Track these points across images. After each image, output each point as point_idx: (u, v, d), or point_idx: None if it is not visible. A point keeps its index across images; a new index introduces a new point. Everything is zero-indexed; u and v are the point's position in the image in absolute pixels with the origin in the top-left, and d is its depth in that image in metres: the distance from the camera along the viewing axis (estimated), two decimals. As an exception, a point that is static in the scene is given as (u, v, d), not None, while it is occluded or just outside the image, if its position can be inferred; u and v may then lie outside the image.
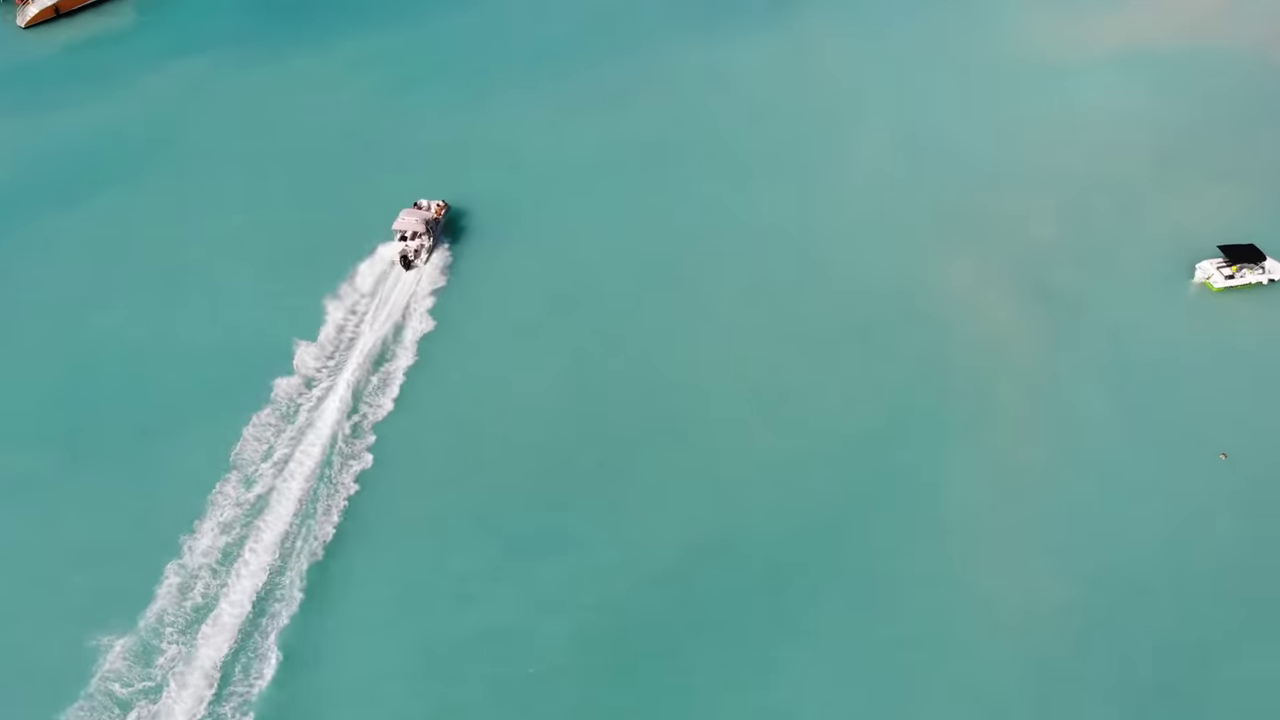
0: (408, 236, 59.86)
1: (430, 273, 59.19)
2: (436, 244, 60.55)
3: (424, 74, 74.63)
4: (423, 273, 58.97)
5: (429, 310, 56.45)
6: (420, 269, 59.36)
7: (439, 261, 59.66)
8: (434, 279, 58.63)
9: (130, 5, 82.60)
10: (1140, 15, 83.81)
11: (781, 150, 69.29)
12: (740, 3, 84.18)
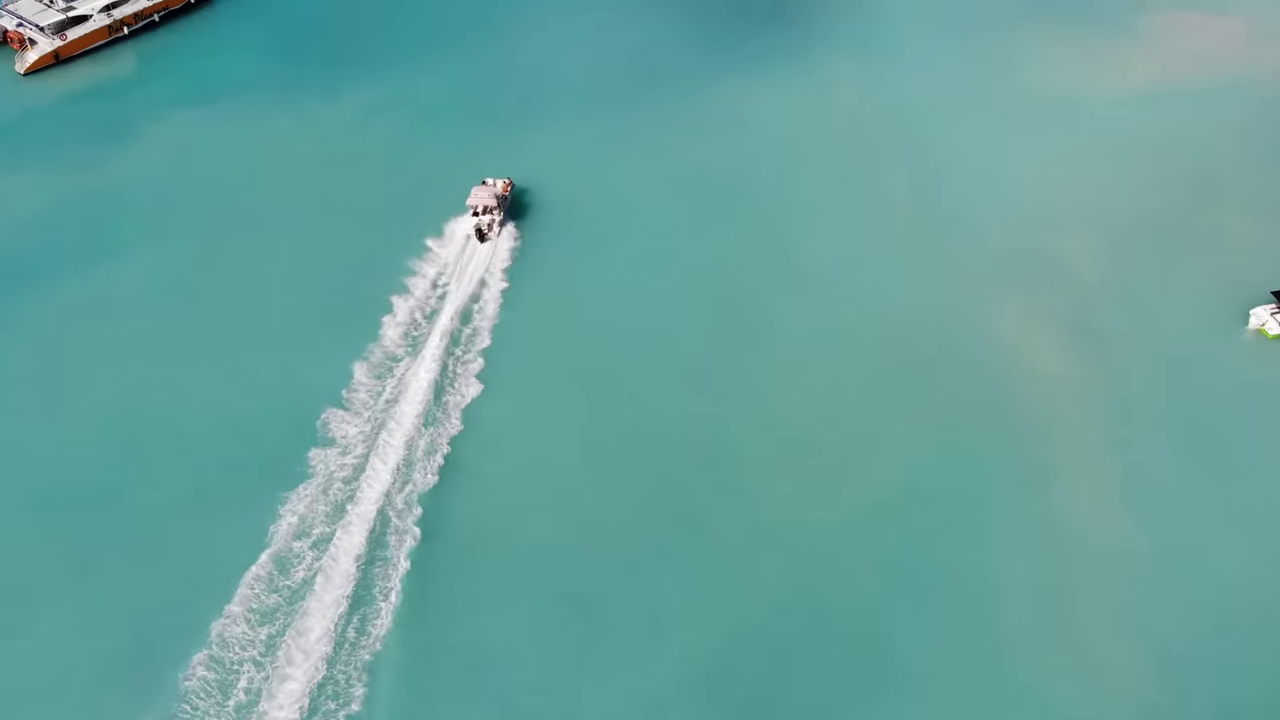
0: (480, 211, 62.01)
1: (485, 324, 57.74)
2: (506, 220, 63.16)
3: (442, 118, 72.27)
4: (495, 253, 61.25)
5: (476, 375, 54.33)
6: (494, 241, 61.91)
7: (487, 321, 57.65)
8: (479, 341, 56.48)
9: (131, 52, 79.64)
10: (1167, 46, 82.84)
11: (814, 190, 67.54)
12: (763, 40, 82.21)
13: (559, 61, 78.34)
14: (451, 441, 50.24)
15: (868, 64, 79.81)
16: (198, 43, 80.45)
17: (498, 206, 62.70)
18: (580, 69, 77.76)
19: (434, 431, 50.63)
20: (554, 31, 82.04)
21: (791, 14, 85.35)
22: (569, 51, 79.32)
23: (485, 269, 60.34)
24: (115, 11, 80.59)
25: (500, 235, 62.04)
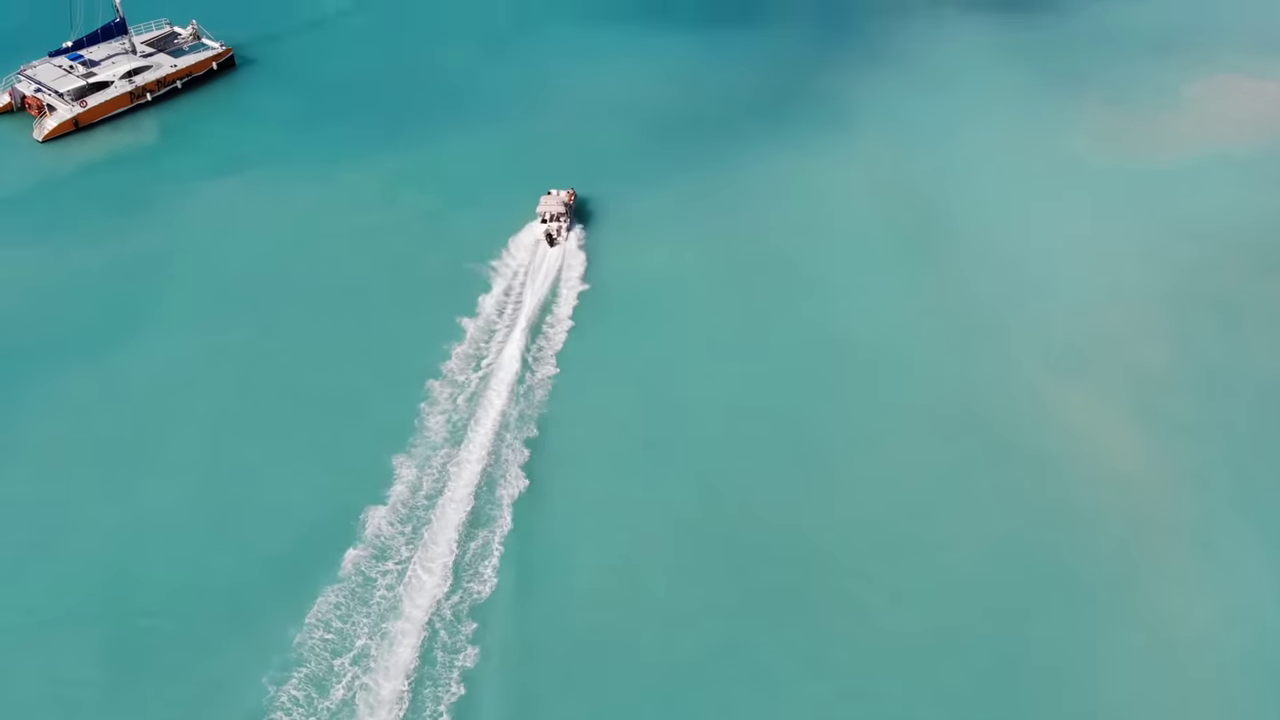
0: (549, 218, 64.79)
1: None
2: (573, 224, 65.87)
3: (475, 188, 69.58)
4: (564, 257, 63.65)
5: (520, 467, 50.95)
6: (563, 245, 64.61)
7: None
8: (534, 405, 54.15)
9: (153, 120, 77.59)
10: (1212, 112, 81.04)
11: (861, 268, 64.56)
12: (795, 107, 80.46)
13: (594, 130, 76.15)
14: (505, 541, 47.08)
15: (908, 136, 77.54)
16: (221, 110, 78.46)
17: (565, 213, 65.35)
18: (616, 139, 75.47)
19: (487, 532, 47.53)
20: (587, 99, 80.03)
21: (827, 88, 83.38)
22: (604, 120, 77.13)
23: (529, 348, 57.77)
24: (137, 78, 78.72)
25: (568, 241, 64.83)
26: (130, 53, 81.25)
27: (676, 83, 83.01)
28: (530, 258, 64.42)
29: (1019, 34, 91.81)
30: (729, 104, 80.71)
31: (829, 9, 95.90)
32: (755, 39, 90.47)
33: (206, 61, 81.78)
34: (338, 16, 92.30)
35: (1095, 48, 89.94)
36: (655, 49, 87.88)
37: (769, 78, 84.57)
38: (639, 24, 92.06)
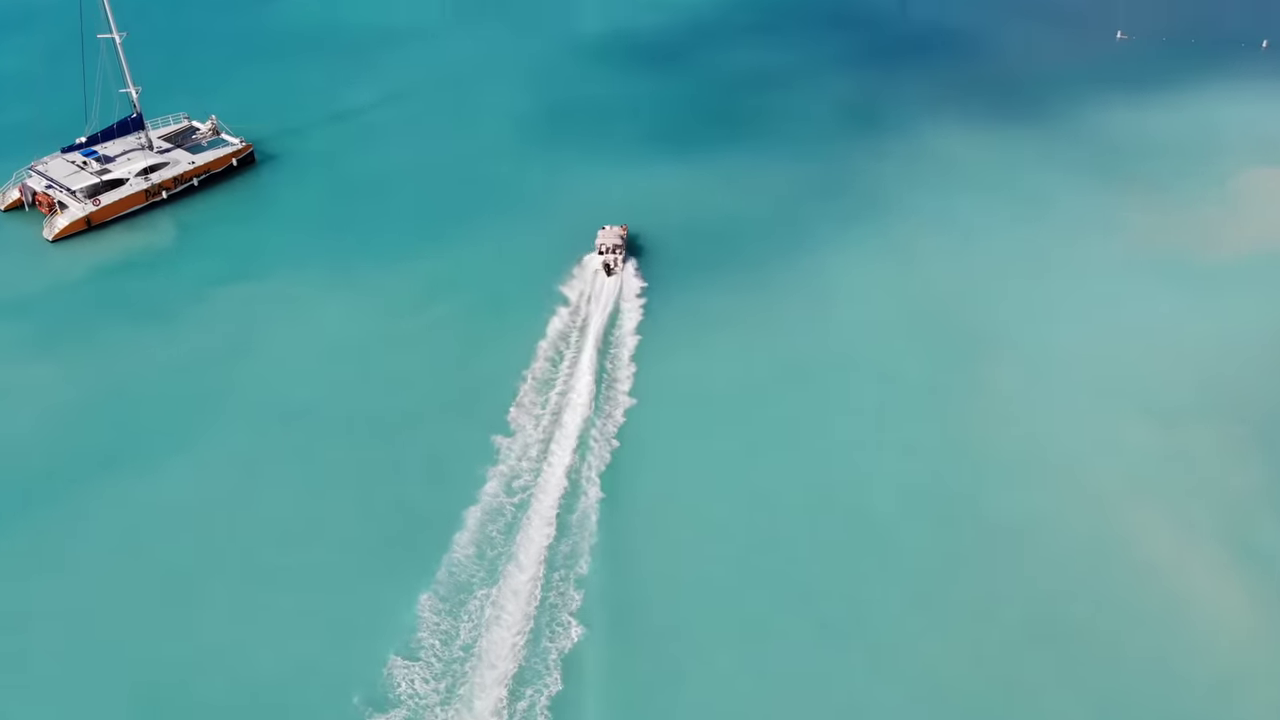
0: (605, 249, 67.35)
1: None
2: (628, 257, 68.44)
3: (512, 294, 65.97)
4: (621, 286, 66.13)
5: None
6: (619, 276, 67.22)
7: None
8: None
9: (170, 219, 74.64)
10: (1260, 207, 78.34)
11: (912, 384, 60.43)
12: (834, 205, 77.70)
13: (631, 223, 73.15)
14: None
15: (947, 234, 74.34)
16: (241, 209, 75.63)
17: (620, 245, 67.82)
18: (654, 238, 72.44)
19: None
20: (620, 197, 77.15)
21: (865, 186, 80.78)
22: (638, 218, 74.15)
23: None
24: (154, 176, 75.99)
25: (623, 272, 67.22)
26: (147, 148, 78.70)
27: (714, 179, 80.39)
28: (589, 286, 67.01)
29: (1054, 138, 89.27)
30: (768, 202, 77.87)
31: (862, 109, 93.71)
32: (787, 139, 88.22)
33: (226, 158, 79.17)
34: (361, 111, 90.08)
35: (1132, 151, 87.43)
36: (691, 142, 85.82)
37: (805, 175, 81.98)
38: (675, 117, 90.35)
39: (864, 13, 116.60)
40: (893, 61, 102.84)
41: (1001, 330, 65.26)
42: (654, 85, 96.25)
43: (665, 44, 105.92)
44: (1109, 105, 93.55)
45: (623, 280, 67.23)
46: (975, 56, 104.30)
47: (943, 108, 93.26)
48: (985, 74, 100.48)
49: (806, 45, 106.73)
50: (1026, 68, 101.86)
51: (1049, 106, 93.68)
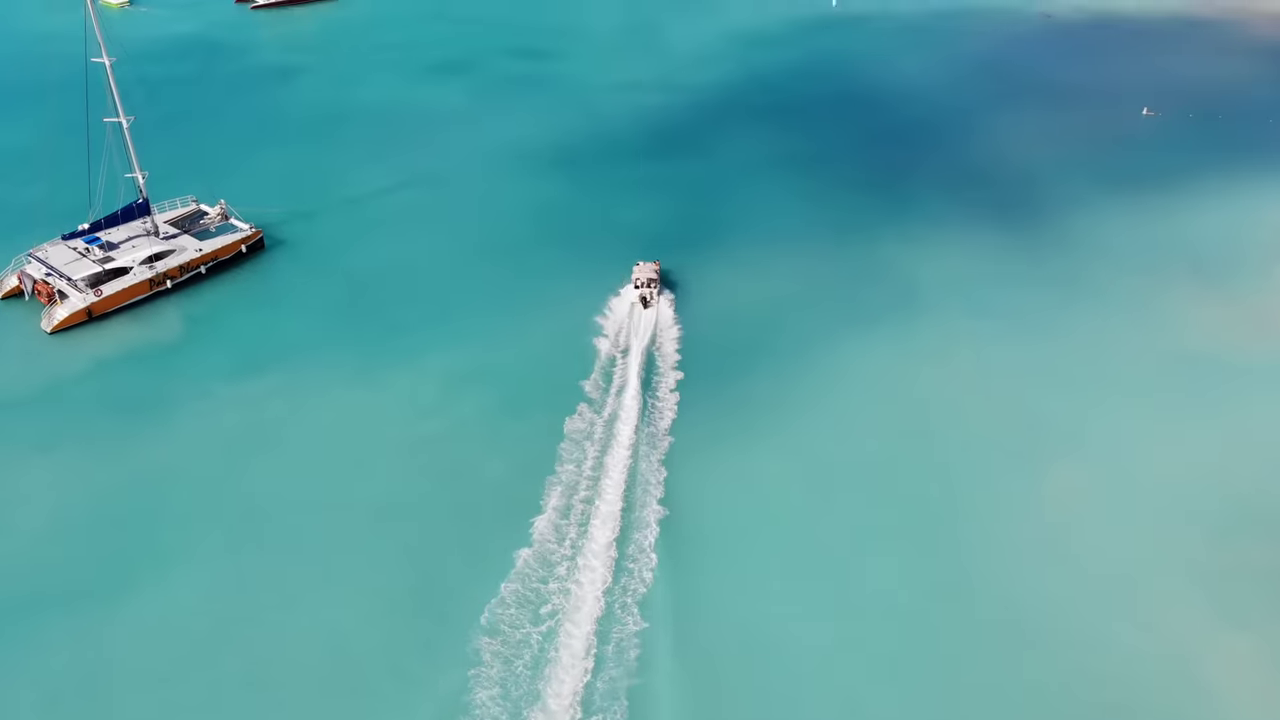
0: (641, 283, 70.98)
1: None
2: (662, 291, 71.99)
3: (537, 392, 61.90)
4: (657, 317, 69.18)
5: None
6: (655, 307, 70.31)
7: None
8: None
9: (175, 310, 71.03)
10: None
11: (968, 493, 55.84)
12: (868, 290, 74.20)
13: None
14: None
15: (992, 327, 70.47)
16: (251, 298, 71.92)
17: (655, 279, 71.34)
18: (684, 325, 68.87)
19: None
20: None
21: (901, 271, 77.37)
22: (673, 309, 70.77)
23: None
24: (159, 264, 72.53)
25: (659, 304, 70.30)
26: (152, 234, 75.49)
27: (727, 264, 77.04)
28: (627, 319, 69.61)
29: (1089, 229, 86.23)
30: (792, 289, 74.33)
31: (885, 193, 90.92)
32: (816, 212, 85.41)
33: (234, 245, 75.88)
34: (376, 195, 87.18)
35: (1169, 243, 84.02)
36: (709, 226, 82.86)
37: (836, 254, 78.73)
38: (693, 202, 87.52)
39: (875, 92, 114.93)
40: (916, 142, 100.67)
41: (1056, 431, 61.16)
42: (671, 170, 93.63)
43: (680, 127, 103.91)
44: (1140, 192, 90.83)
45: (659, 311, 70.16)
46: (1002, 136, 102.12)
47: (972, 193, 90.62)
48: (1013, 157, 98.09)
49: (820, 128, 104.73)
50: (1054, 150, 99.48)
51: (1083, 193, 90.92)
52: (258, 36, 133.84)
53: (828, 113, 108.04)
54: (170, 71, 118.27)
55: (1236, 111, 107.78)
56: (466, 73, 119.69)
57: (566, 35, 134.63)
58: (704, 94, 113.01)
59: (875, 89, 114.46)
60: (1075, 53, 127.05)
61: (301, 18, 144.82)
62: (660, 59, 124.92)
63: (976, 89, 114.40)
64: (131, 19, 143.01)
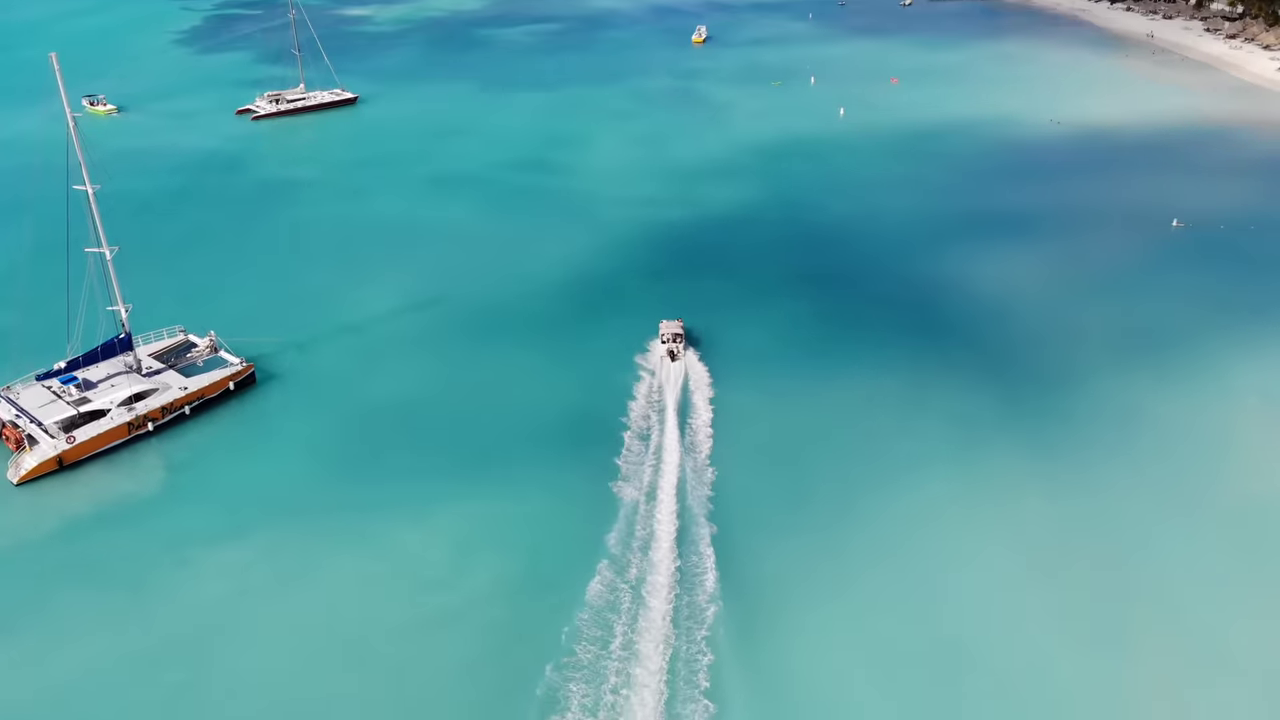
0: (667, 339, 75.27)
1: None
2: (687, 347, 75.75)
3: (557, 556, 55.12)
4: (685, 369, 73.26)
5: None
6: (682, 360, 74.19)
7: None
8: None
9: (155, 456, 64.72)
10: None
11: (1043, 668, 49.82)
12: (919, 426, 68.12)
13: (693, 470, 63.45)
14: None
15: (1064, 473, 63.70)
16: (238, 442, 65.61)
17: (680, 334, 75.92)
18: (727, 485, 62.14)
19: None
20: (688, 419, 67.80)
21: (953, 407, 71.33)
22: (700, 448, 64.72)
23: None
24: (139, 405, 66.51)
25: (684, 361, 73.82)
26: (134, 371, 69.72)
27: (777, 398, 71.11)
28: (658, 371, 73.58)
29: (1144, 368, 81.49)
30: (839, 422, 68.36)
31: (930, 307, 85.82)
32: (856, 346, 79.98)
33: (222, 382, 69.97)
34: (379, 320, 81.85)
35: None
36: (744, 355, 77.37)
37: (881, 389, 72.80)
38: (716, 323, 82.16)
39: (887, 209, 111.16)
40: (941, 263, 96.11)
41: (1147, 599, 54.52)
42: (686, 288, 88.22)
43: (693, 244, 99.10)
44: (1184, 312, 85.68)
45: (687, 365, 73.78)
46: (1026, 258, 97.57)
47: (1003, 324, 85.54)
48: (1059, 274, 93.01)
49: (835, 246, 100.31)
50: (1092, 266, 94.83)
51: (1126, 319, 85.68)
52: (257, 149, 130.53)
53: (842, 231, 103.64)
54: (161, 186, 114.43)
55: (1270, 223, 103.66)
56: (471, 186, 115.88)
57: (572, 146, 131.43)
58: (715, 209, 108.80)
59: (888, 204, 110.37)
60: (1092, 165, 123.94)
61: (305, 128, 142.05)
62: (669, 172, 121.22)
63: (995, 204, 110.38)
64: (120, 128, 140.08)
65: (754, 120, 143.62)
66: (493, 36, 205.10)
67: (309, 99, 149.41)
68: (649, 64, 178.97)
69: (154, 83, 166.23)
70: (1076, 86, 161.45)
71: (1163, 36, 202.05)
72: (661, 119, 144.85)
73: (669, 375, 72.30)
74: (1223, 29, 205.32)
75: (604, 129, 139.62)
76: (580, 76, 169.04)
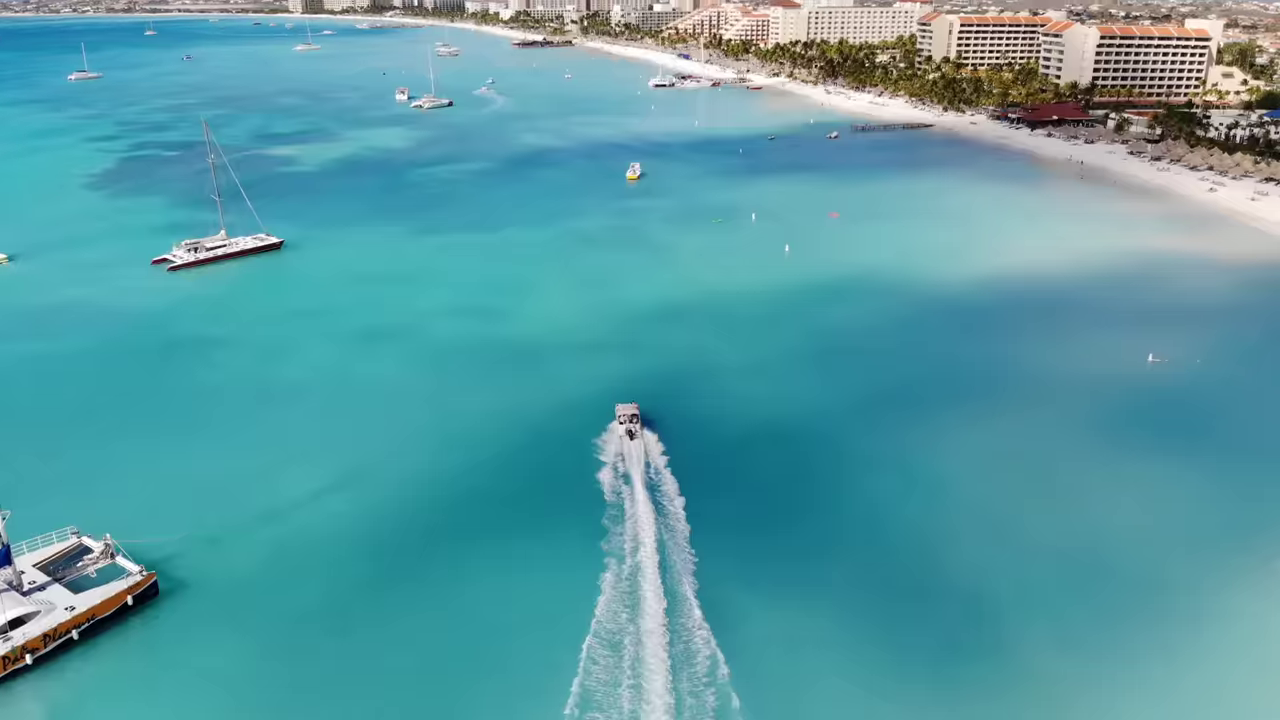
0: (625, 419, 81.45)
1: None
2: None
3: None
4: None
5: None
6: (641, 439, 79.89)
7: None
8: None
9: (32, 698, 53.11)
10: None
11: None
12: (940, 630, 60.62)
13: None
14: None
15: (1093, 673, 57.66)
16: (134, 677, 54.94)
17: (636, 415, 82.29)
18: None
19: None
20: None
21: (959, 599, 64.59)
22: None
23: None
24: (17, 633, 55.65)
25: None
26: (11, 590, 58.90)
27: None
28: (618, 448, 79.82)
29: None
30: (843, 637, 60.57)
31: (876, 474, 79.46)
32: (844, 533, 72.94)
33: (118, 598, 59.39)
34: (296, 505, 72.13)
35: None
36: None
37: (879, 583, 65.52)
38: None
39: (850, 348, 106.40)
40: (919, 404, 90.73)
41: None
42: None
43: (650, 394, 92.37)
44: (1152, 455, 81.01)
45: (646, 443, 79.94)
46: (1017, 387, 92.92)
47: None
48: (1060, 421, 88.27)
49: (800, 387, 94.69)
50: (1058, 398, 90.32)
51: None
52: (171, 304, 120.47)
53: (807, 371, 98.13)
54: (53, 351, 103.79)
55: (1249, 362, 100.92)
56: (404, 338, 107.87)
57: (513, 292, 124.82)
58: (670, 356, 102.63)
59: (842, 354, 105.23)
60: (1046, 305, 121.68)
61: (225, 278, 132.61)
62: (617, 316, 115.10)
63: (948, 357, 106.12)
64: (13, 282, 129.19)
65: (700, 260, 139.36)
66: (424, 176, 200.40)
67: (230, 245, 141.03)
68: (585, 203, 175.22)
69: (58, 230, 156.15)
70: (1016, 219, 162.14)
71: (1090, 161, 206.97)
72: (604, 260, 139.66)
73: (630, 454, 78.23)
74: (1146, 151, 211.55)
75: (545, 272, 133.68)
76: (516, 217, 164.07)
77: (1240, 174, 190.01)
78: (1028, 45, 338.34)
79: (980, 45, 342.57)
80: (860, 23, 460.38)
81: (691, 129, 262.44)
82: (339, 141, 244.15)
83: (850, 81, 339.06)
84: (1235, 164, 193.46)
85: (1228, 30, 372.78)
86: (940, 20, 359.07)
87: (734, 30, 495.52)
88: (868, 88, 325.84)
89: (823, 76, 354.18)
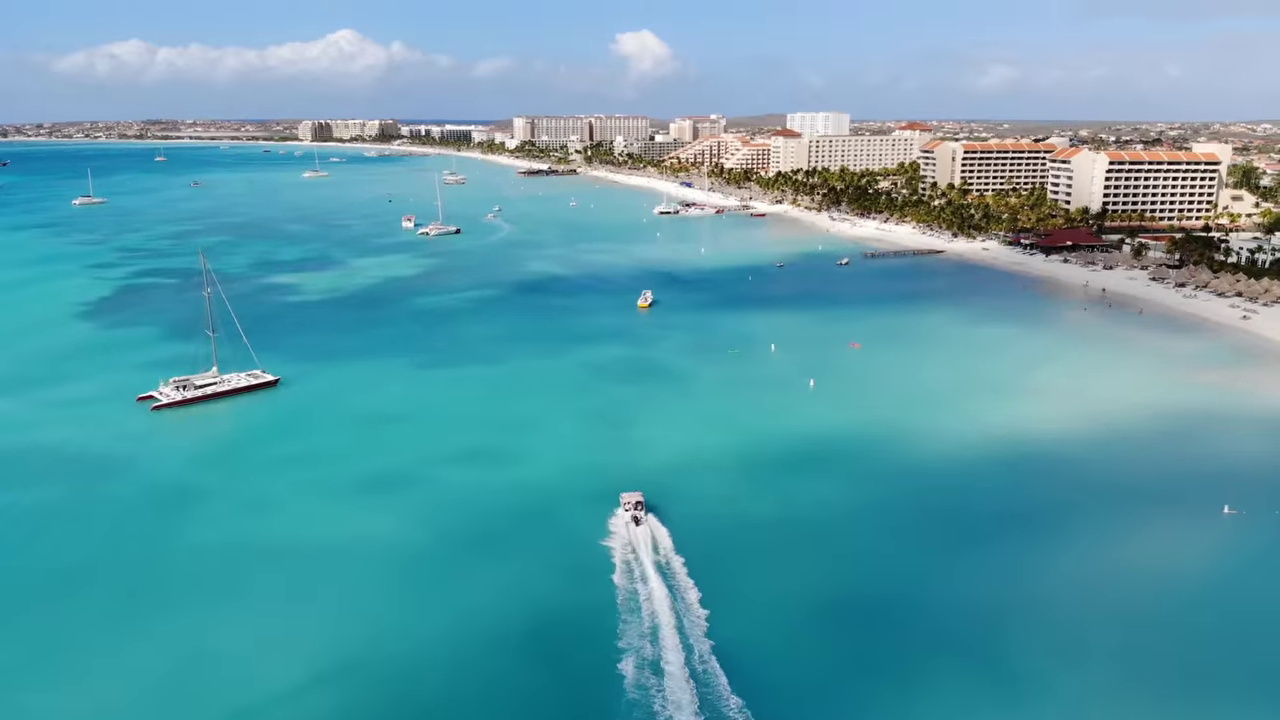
0: (630, 506, 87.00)
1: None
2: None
3: None
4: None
5: None
6: (646, 524, 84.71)
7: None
8: None
9: None
10: None
11: None
12: None
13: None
14: None
15: None
16: None
17: (640, 501, 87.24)
18: None
19: None
20: None
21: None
22: None
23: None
24: None
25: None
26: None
27: None
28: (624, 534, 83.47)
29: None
30: None
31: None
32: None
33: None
34: (279, 705, 61.43)
35: None
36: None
37: None
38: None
39: (894, 490, 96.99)
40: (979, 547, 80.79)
41: None
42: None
43: (701, 563, 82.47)
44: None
45: (651, 527, 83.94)
46: (1072, 546, 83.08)
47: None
48: (1096, 571, 78.33)
49: (849, 541, 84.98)
50: (1128, 559, 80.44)
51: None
52: (151, 449, 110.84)
53: (878, 536, 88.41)
54: (13, 502, 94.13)
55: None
56: (405, 488, 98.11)
57: (524, 431, 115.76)
58: (698, 505, 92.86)
59: (879, 505, 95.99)
60: (1114, 441, 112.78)
61: (214, 419, 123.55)
62: (634, 458, 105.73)
63: (1001, 508, 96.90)
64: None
65: (721, 394, 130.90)
66: (429, 306, 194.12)
67: (222, 383, 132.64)
68: (597, 332, 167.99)
69: (42, 364, 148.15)
70: (1049, 350, 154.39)
71: (1113, 289, 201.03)
72: (620, 394, 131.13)
73: (636, 539, 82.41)
74: (1169, 277, 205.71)
75: (557, 408, 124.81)
76: (525, 348, 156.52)
77: (1271, 300, 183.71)
78: (1031, 170, 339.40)
79: (984, 171, 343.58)
80: (860, 150, 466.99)
81: (699, 255, 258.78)
82: (343, 270, 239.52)
83: (854, 208, 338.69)
84: (1264, 290, 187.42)
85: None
86: (943, 147, 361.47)
87: (735, 159, 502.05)
88: (872, 214, 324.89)
89: (826, 203, 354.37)
